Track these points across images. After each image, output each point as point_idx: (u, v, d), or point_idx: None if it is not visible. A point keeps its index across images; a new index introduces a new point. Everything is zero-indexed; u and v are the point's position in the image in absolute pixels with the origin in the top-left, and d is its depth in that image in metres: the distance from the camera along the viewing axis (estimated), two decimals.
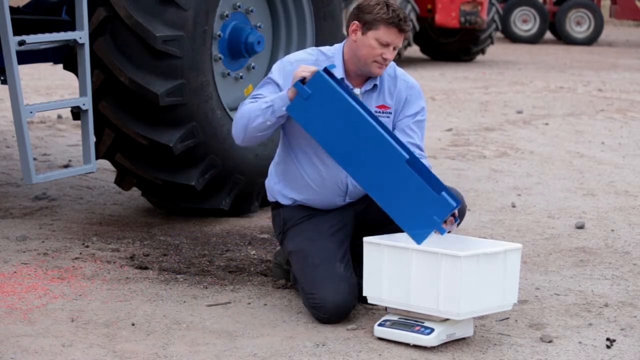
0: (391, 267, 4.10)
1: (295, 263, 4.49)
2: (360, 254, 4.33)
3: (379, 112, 4.46)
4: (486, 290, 4.02)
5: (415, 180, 4.05)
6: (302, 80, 4.16)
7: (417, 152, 4.40)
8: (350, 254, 4.51)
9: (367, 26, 4.34)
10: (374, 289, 4.17)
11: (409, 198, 4.07)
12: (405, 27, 4.35)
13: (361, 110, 4.11)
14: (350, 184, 4.51)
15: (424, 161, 4.39)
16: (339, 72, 4.41)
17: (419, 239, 4.06)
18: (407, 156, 4.08)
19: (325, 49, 4.52)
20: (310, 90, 4.13)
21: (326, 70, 4.20)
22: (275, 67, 4.47)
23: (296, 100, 4.18)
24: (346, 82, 4.43)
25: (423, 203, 4.04)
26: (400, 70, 4.57)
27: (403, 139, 4.37)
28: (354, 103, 4.11)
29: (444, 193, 4.05)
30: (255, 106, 4.32)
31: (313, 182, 4.50)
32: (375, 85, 4.47)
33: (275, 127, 4.34)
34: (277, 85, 4.41)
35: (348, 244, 4.53)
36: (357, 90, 4.39)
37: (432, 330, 4.01)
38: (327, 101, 4.12)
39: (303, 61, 4.43)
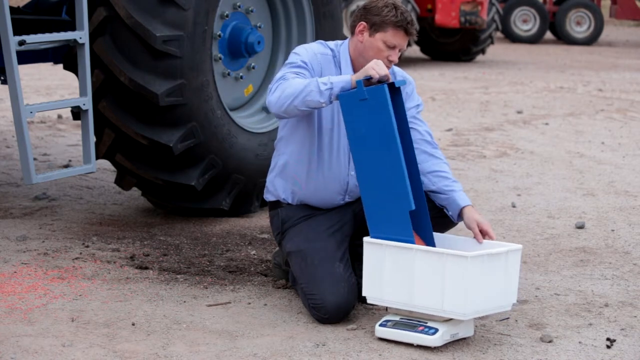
0: (393, 267, 4.10)
1: (294, 264, 4.49)
2: (359, 254, 4.33)
3: None
4: (489, 290, 4.03)
5: (407, 230, 4.09)
6: (368, 79, 4.15)
7: (429, 148, 4.46)
8: (348, 253, 4.51)
9: (374, 28, 4.35)
10: (374, 289, 4.17)
11: (392, 231, 4.12)
12: (413, 30, 4.37)
13: (398, 143, 4.09)
14: (351, 183, 4.52)
15: (440, 157, 4.50)
16: (347, 71, 4.44)
17: None
18: (412, 207, 4.08)
19: (332, 44, 4.51)
20: (368, 96, 4.12)
21: (391, 84, 4.18)
22: (303, 53, 4.41)
23: (351, 94, 4.16)
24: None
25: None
26: (396, 67, 4.59)
27: (416, 128, 4.46)
28: (396, 132, 4.09)
29: None
30: (310, 83, 4.22)
31: (315, 178, 4.49)
32: None
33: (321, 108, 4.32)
34: (311, 74, 4.38)
35: (347, 244, 4.53)
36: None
37: (437, 330, 4.01)
38: (376, 115, 4.11)
39: (325, 55, 4.44)
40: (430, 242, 4.24)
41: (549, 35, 23.03)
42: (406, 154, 4.17)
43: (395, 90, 4.21)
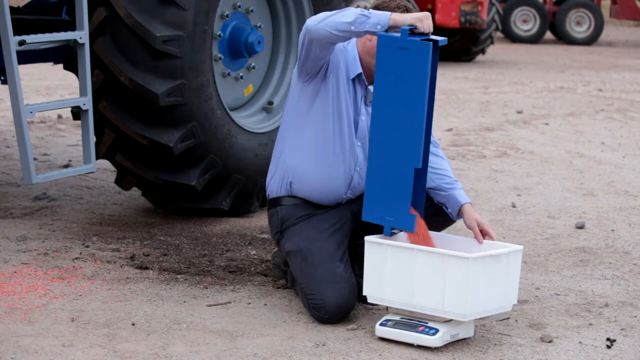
0: (394, 267, 4.09)
1: (294, 263, 4.48)
2: (359, 254, 4.33)
3: None
4: (490, 291, 4.03)
5: (407, 186, 4.07)
6: (412, 29, 4.10)
7: (430, 147, 4.41)
8: (348, 253, 4.51)
9: None
10: (374, 289, 4.17)
11: (390, 190, 4.10)
12: None
13: (426, 100, 4.05)
14: (355, 179, 4.51)
15: (441, 156, 4.52)
16: (356, 67, 4.45)
17: (365, 218, 4.20)
18: (419, 166, 4.07)
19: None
20: (408, 46, 4.05)
21: (435, 43, 4.12)
22: None
23: (393, 39, 4.09)
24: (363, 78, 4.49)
25: (394, 205, 4.09)
26: None
27: None
28: (427, 90, 4.04)
29: (417, 216, 4.11)
30: (351, 8, 4.21)
31: (325, 170, 4.46)
32: None
33: (348, 38, 4.27)
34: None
35: (347, 244, 4.53)
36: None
37: (437, 330, 4.01)
38: (412, 67, 4.03)
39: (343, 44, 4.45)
40: (419, 209, 4.22)
41: (549, 35, 23.03)
42: (427, 114, 4.13)
43: (434, 48, 4.13)
